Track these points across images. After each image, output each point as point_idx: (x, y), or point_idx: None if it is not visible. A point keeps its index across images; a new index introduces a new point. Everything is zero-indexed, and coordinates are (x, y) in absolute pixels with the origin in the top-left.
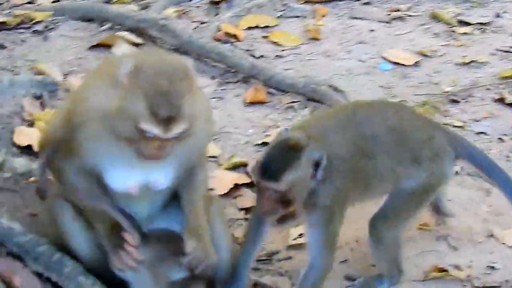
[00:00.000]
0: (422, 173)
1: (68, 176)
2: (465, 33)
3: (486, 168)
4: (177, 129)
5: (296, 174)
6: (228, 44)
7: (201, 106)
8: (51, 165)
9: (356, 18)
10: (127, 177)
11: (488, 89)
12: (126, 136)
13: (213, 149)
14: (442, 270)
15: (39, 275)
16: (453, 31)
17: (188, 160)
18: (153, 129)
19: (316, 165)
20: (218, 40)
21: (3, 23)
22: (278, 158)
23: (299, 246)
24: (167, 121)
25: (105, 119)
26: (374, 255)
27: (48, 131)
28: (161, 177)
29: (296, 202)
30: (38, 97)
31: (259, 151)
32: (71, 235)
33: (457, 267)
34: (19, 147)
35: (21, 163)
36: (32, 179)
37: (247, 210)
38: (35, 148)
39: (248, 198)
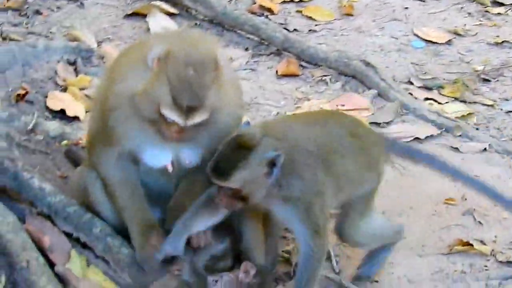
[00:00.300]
0: (375, 176)
1: (107, 166)
2: (498, 13)
3: (410, 154)
4: (197, 118)
5: (246, 173)
6: (263, 17)
7: (229, 93)
8: (91, 157)
9: None
10: (161, 155)
11: None
12: (149, 118)
13: (244, 119)
14: (467, 244)
15: (68, 235)
16: (486, 11)
17: (217, 141)
18: (173, 116)
19: (271, 163)
20: (252, 13)
21: None
22: (228, 157)
23: None
24: (187, 111)
25: (133, 100)
26: (366, 250)
27: (89, 129)
28: (191, 155)
29: (253, 197)
30: (72, 63)
31: None
32: (101, 205)
33: (481, 241)
34: (51, 111)
35: (53, 126)
36: (64, 142)
37: None
38: (68, 113)
39: None
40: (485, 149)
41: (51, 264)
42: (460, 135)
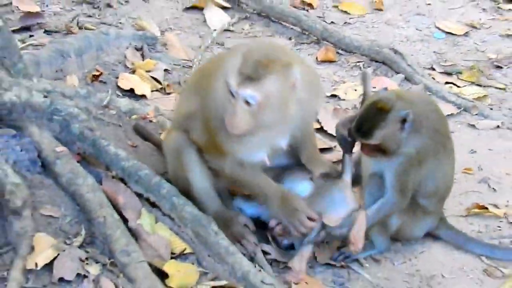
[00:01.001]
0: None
1: (228, 168)
2: (509, 10)
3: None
4: (250, 90)
5: (384, 131)
6: (303, 11)
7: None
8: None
9: None
10: (258, 153)
11: None
12: (224, 101)
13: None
14: (483, 207)
15: (139, 195)
16: (499, 7)
17: (300, 127)
18: (232, 81)
19: (403, 120)
20: (295, 7)
21: None
22: (369, 119)
23: None
24: (245, 79)
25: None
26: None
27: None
28: (282, 141)
29: (390, 149)
30: (139, 49)
31: (328, 102)
32: (191, 169)
33: (495, 205)
34: (122, 90)
35: (124, 103)
36: (133, 116)
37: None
38: (136, 91)
39: (318, 141)
40: (498, 126)
41: (125, 220)
42: (476, 114)
